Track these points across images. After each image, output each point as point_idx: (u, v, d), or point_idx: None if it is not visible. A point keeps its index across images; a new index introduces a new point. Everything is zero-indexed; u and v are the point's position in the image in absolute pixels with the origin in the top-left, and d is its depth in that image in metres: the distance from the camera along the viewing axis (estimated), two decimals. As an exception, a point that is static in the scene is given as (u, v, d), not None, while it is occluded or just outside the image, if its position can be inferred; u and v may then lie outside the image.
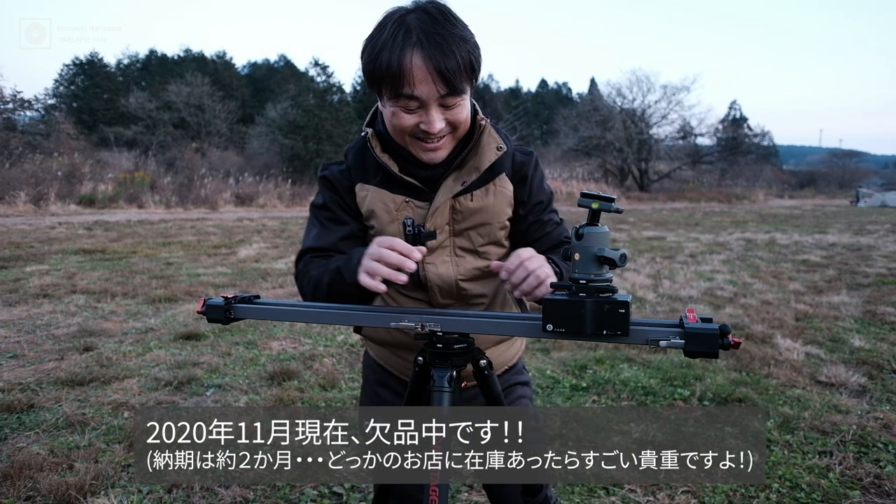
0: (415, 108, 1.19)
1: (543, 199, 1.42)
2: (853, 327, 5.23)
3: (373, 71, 1.19)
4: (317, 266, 1.32)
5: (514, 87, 59.37)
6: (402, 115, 1.20)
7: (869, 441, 3.01)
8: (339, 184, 1.36)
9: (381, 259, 1.13)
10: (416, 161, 1.29)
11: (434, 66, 1.14)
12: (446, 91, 1.17)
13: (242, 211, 19.04)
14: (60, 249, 9.19)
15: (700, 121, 41.85)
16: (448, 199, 1.30)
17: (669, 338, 0.98)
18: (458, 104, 1.22)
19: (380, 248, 1.14)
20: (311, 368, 4.02)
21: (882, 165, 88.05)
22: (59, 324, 5.03)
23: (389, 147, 1.31)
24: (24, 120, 24.33)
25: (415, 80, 1.15)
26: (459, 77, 1.17)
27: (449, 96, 1.18)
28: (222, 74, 42.98)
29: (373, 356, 1.54)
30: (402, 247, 1.13)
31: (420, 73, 1.15)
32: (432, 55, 1.14)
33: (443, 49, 1.15)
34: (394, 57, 1.14)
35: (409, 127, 1.22)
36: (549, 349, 4.47)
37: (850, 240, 12.55)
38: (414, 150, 1.27)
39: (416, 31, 1.15)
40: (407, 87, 1.16)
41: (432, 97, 1.17)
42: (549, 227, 1.42)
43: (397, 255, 1.12)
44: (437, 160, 1.27)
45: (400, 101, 1.18)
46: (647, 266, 8.58)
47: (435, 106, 1.19)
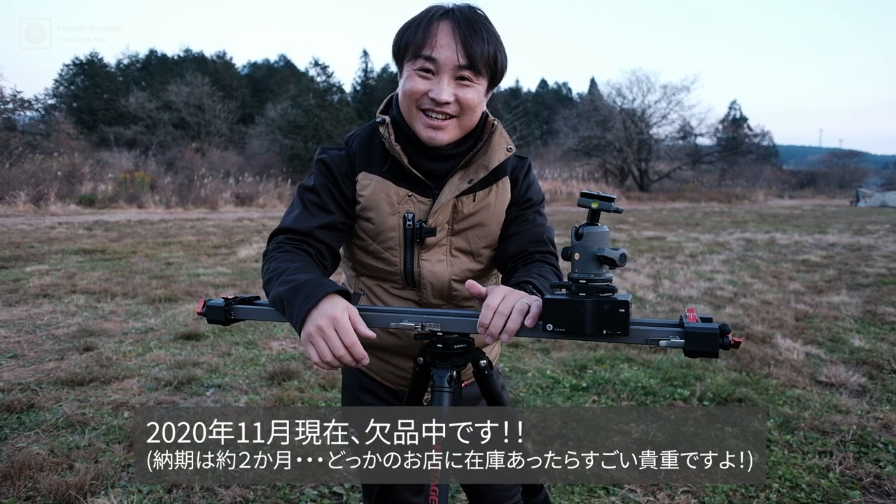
0: (430, 74, 1.21)
1: (532, 199, 1.41)
2: (853, 327, 5.23)
3: (400, 39, 1.24)
4: (282, 259, 1.22)
5: (514, 87, 59.36)
6: (417, 78, 1.22)
7: (869, 441, 3.01)
8: (336, 169, 1.31)
9: (327, 340, 1.04)
10: (424, 150, 1.28)
11: (460, 35, 1.20)
12: (465, 62, 1.20)
13: (242, 211, 19.03)
14: (60, 249, 9.19)
15: (700, 121, 41.89)
16: (453, 196, 1.29)
17: (669, 337, 0.98)
18: (471, 84, 1.23)
19: (328, 329, 1.04)
20: (311, 368, 4.01)
21: (882, 165, 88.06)
22: (59, 324, 5.03)
23: (402, 137, 1.29)
24: (24, 120, 24.33)
25: (437, 43, 1.19)
26: (480, 56, 1.21)
27: (465, 69, 1.21)
28: (222, 74, 43.02)
29: None
30: (347, 338, 1.04)
31: (444, 38, 1.19)
32: (461, 25, 1.20)
33: (472, 26, 1.21)
34: (423, 22, 1.21)
35: (420, 92, 1.22)
36: (549, 349, 4.47)
37: (850, 240, 12.55)
38: (417, 126, 1.26)
39: (454, 10, 1.23)
40: (428, 48, 1.20)
41: (449, 64, 1.20)
42: (530, 224, 1.38)
43: (341, 347, 1.04)
44: (437, 141, 1.26)
45: (418, 62, 1.21)
46: (647, 266, 8.58)
47: (449, 76, 1.21)
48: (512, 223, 1.38)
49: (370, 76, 48.51)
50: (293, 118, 30.11)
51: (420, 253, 1.32)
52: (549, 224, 1.43)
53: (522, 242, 1.35)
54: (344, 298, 1.10)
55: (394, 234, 1.30)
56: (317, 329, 1.04)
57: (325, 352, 1.04)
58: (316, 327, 1.04)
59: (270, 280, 1.19)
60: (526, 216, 1.39)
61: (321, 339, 1.04)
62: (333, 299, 1.08)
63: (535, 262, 1.32)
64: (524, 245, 1.35)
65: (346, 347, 1.04)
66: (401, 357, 1.40)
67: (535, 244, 1.35)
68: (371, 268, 1.36)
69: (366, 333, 1.06)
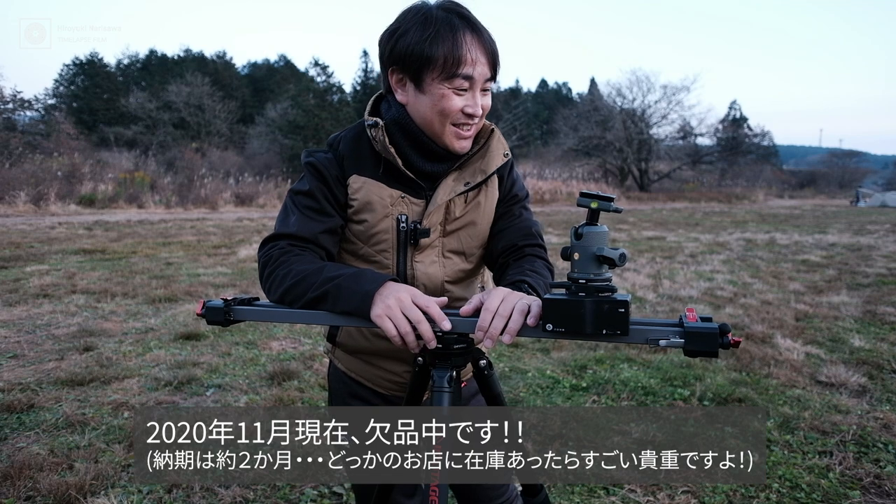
0: (464, 91, 1.21)
1: (518, 194, 1.42)
2: (853, 327, 5.23)
3: (422, 52, 1.17)
4: (301, 261, 1.20)
5: (514, 87, 59.39)
6: (453, 97, 1.20)
7: (869, 441, 3.01)
8: (327, 172, 1.28)
9: (406, 313, 1.06)
10: (426, 152, 1.28)
11: (488, 48, 1.20)
12: (491, 74, 1.21)
13: (242, 211, 19.04)
14: (60, 249, 9.19)
15: (700, 121, 41.97)
16: (448, 198, 1.29)
17: (669, 337, 0.98)
18: (489, 91, 1.25)
19: (410, 302, 1.07)
20: (311, 368, 4.01)
21: (882, 165, 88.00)
22: (59, 324, 5.03)
23: (403, 139, 1.28)
24: (24, 120, 24.35)
25: (474, 60, 1.18)
26: (499, 63, 1.23)
27: (489, 80, 1.22)
28: (222, 74, 43.04)
29: (341, 368, 1.46)
30: (435, 313, 1.07)
31: (478, 53, 1.19)
32: (483, 36, 1.20)
33: (483, 33, 1.20)
34: (446, 34, 1.17)
35: (457, 110, 1.21)
36: (549, 349, 4.47)
37: (850, 240, 12.55)
38: (448, 138, 1.25)
39: (454, 16, 1.19)
40: (467, 67, 1.18)
41: (482, 78, 1.20)
42: (517, 220, 1.39)
43: (424, 321, 1.06)
44: (467, 149, 1.29)
45: (455, 81, 1.19)
46: (647, 266, 8.58)
47: (479, 89, 1.22)
48: (500, 219, 1.39)
49: (370, 76, 48.49)
50: (293, 118, 30.15)
51: (413, 255, 1.31)
52: (535, 218, 1.44)
53: (512, 237, 1.36)
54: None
55: (387, 237, 1.30)
56: (396, 300, 1.07)
57: (402, 322, 1.06)
58: (395, 298, 1.07)
59: (303, 279, 1.15)
60: (513, 212, 1.40)
61: (398, 309, 1.06)
62: (399, 284, 1.13)
63: (525, 256, 1.33)
64: (514, 240, 1.36)
65: (423, 311, 1.07)
66: (391, 361, 1.39)
67: (525, 238, 1.36)
68: None
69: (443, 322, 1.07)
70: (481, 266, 1.44)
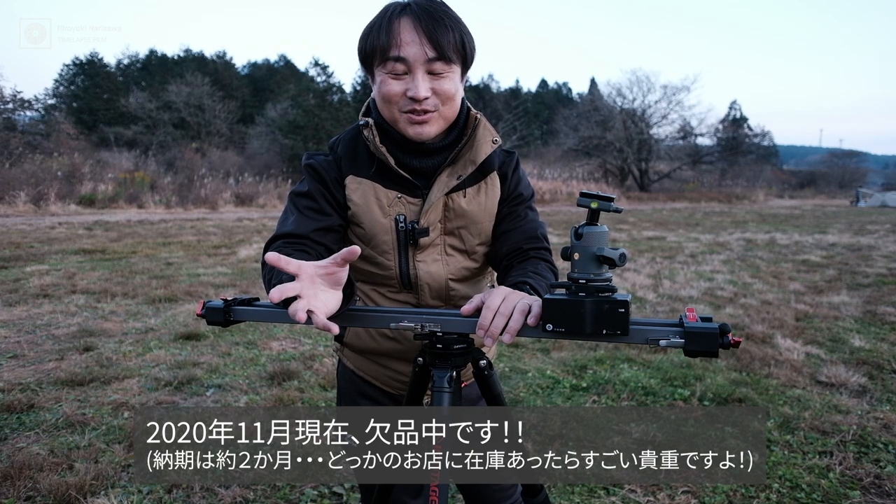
0: (402, 74, 1.20)
1: (523, 194, 1.40)
2: (853, 327, 5.23)
3: (364, 45, 1.23)
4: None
5: (514, 87, 59.40)
6: (390, 81, 1.21)
7: (869, 441, 3.01)
8: (326, 174, 1.31)
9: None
10: (410, 147, 1.28)
11: (423, 28, 1.18)
12: (434, 55, 1.18)
13: (242, 211, 19.04)
14: (60, 249, 9.19)
15: (700, 121, 42.03)
16: (443, 195, 1.29)
17: (669, 337, 0.97)
18: (445, 74, 1.22)
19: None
20: (311, 368, 4.01)
21: (882, 165, 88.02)
22: (59, 324, 5.03)
23: (386, 139, 1.29)
24: (24, 120, 24.35)
25: (402, 41, 1.18)
26: (448, 45, 1.19)
27: (436, 61, 1.19)
28: (222, 74, 43.03)
29: (350, 367, 1.47)
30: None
31: (408, 35, 1.18)
32: (421, 18, 1.19)
33: (433, 16, 1.19)
34: (384, 23, 1.19)
35: (397, 95, 1.21)
36: (549, 349, 4.47)
37: (851, 240, 12.55)
38: (402, 126, 1.25)
39: (411, 4, 1.21)
40: (394, 49, 1.18)
41: (419, 59, 1.19)
42: (522, 221, 1.38)
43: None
44: (424, 136, 1.25)
45: (388, 65, 1.20)
46: (647, 266, 8.58)
47: (422, 71, 1.20)
48: (504, 220, 1.38)
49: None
50: (293, 118, 30.15)
51: (415, 254, 1.31)
52: (540, 219, 1.42)
53: (516, 239, 1.35)
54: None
55: (387, 238, 1.30)
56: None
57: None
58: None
59: (272, 279, 1.17)
60: (518, 213, 1.38)
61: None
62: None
63: (530, 258, 1.32)
64: (518, 242, 1.35)
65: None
66: (398, 361, 1.39)
67: (529, 241, 1.36)
68: (366, 273, 1.36)
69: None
70: (487, 266, 1.43)
